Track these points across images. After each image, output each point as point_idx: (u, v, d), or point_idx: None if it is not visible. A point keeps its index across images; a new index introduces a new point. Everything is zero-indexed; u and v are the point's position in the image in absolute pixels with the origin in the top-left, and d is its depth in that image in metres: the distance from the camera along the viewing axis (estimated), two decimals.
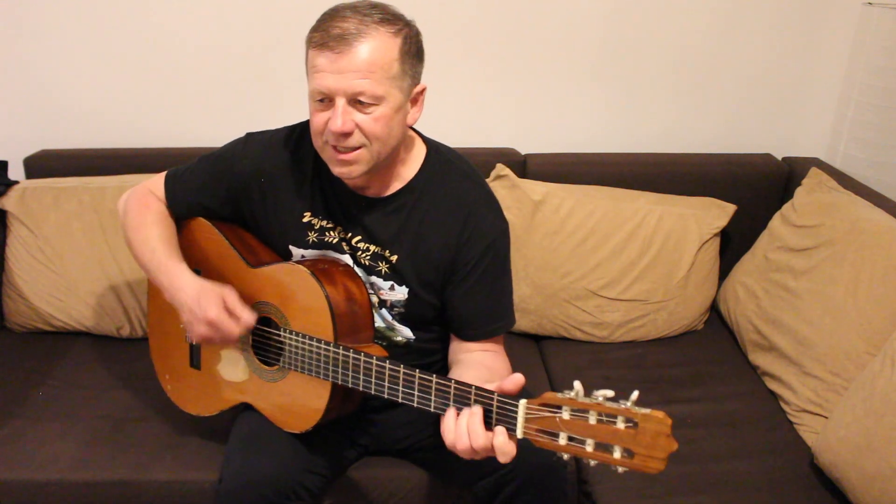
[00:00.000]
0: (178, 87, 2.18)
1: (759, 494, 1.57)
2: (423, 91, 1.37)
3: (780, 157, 2.27)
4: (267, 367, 1.47)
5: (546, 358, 2.04)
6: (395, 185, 1.43)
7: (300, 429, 1.43)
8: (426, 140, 1.48)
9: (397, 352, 1.48)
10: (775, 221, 2.09)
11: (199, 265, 1.54)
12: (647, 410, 1.00)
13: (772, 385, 1.88)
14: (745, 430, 1.75)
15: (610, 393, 1.04)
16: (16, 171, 2.13)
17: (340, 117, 1.26)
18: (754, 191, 2.19)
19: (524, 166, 2.16)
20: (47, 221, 2.00)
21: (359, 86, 1.25)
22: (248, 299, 1.47)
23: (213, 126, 2.20)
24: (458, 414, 1.16)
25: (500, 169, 2.10)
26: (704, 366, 1.99)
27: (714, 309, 2.21)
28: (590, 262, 2.05)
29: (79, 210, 2.00)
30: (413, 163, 1.44)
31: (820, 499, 1.57)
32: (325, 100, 1.28)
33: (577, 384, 1.06)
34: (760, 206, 2.18)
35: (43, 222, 2.00)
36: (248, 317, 1.38)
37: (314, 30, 1.29)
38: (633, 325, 2.07)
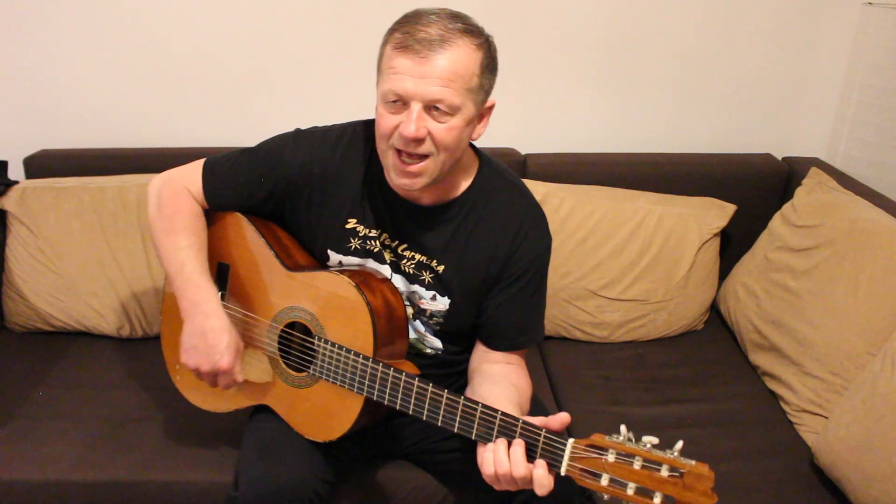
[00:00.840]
0: (178, 87, 2.18)
1: (759, 494, 1.57)
2: (492, 107, 1.35)
3: (780, 157, 2.28)
4: (294, 373, 1.44)
5: (546, 358, 2.04)
6: (449, 196, 1.41)
7: (324, 438, 1.40)
8: (478, 151, 1.47)
9: (424, 362, 1.45)
10: (775, 221, 2.09)
11: (229, 260, 1.51)
12: (692, 462, 1.02)
13: (772, 385, 1.88)
14: (745, 430, 1.75)
15: (655, 440, 1.06)
16: (16, 171, 2.13)
17: (414, 122, 1.24)
18: (754, 191, 2.19)
19: (524, 166, 2.16)
20: (47, 221, 2.00)
21: (439, 93, 1.23)
22: (281, 302, 1.44)
23: (212, 126, 2.20)
24: (506, 446, 1.16)
25: None
26: (704, 366, 1.99)
27: (714, 309, 2.21)
28: (590, 262, 2.05)
29: (79, 210, 2.00)
30: (466, 174, 1.42)
31: (820, 499, 1.57)
32: (398, 102, 1.25)
33: (624, 429, 1.08)
34: (760, 206, 2.18)
35: (43, 222, 2.00)
36: (239, 376, 1.40)
37: (395, 30, 1.26)
38: (633, 325, 2.07)
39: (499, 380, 1.37)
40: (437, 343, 1.48)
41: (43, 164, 2.12)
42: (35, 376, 1.87)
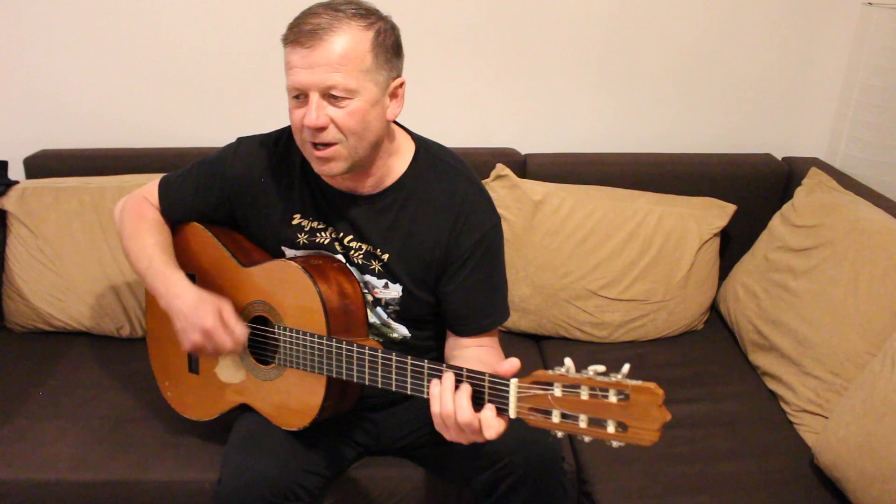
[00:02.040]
0: (177, 87, 2.18)
1: (759, 494, 1.57)
2: (402, 85, 1.36)
3: (780, 157, 2.27)
4: (263, 366, 1.47)
5: (546, 358, 2.04)
6: (385, 183, 1.42)
7: (298, 425, 1.43)
8: (414, 136, 1.47)
9: (393, 348, 1.47)
10: (775, 221, 2.09)
11: (195, 269, 1.55)
12: (638, 382, 1.00)
13: (772, 385, 1.88)
14: (745, 430, 1.75)
15: (601, 368, 1.04)
16: (16, 171, 2.13)
17: (314, 111, 1.27)
18: (754, 191, 2.19)
19: (524, 166, 2.16)
20: (47, 221, 2.00)
21: (330, 79, 1.26)
22: (243, 299, 1.47)
23: (212, 126, 2.20)
24: (452, 387, 1.16)
25: (500, 169, 2.10)
26: (704, 366, 1.99)
27: (714, 309, 2.21)
28: (590, 262, 2.05)
29: (79, 210, 2.00)
30: (402, 160, 1.43)
31: (820, 499, 1.57)
32: (300, 96, 1.29)
33: (568, 360, 1.06)
34: (760, 206, 2.18)
35: (43, 222, 2.00)
36: (241, 331, 1.39)
37: (288, 28, 1.30)
38: (633, 325, 2.07)
39: (467, 360, 1.38)
40: (403, 329, 1.50)
41: (43, 164, 2.12)
42: (35, 376, 1.87)
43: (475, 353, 1.43)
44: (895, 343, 1.53)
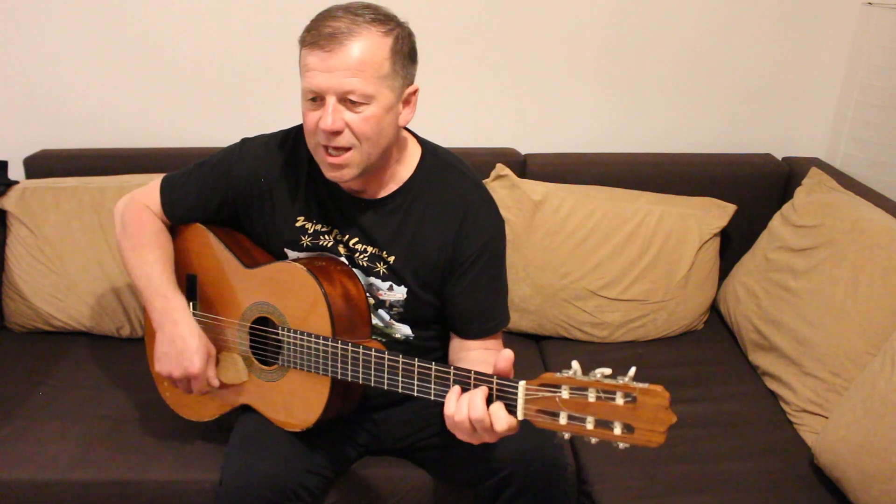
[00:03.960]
0: (177, 87, 2.18)
1: (759, 494, 1.57)
2: (415, 92, 1.37)
3: (780, 157, 2.28)
4: (266, 367, 1.47)
5: (546, 358, 2.04)
6: (391, 187, 1.43)
7: (300, 427, 1.43)
8: (421, 141, 1.48)
9: (397, 349, 1.47)
10: (775, 221, 2.09)
11: (196, 270, 1.55)
12: (644, 385, 1.01)
13: (772, 385, 1.88)
14: (745, 430, 1.75)
15: (608, 370, 1.05)
16: (16, 171, 2.13)
17: (330, 115, 1.27)
18: (754, 191, 2.19)
19: (524, 166, 2.16)
20: (47, 221, 2.00)
21: (348, 84, 1.26)
22: (246, 300, 1.47)
23: (212, 126, 2.20)
24: (461, 392, 1.17)
25: (500, 169, 2.10)
26: (704, 366, 1.99)
27: (714, 309, 2.21)
28: (590, 262, 2.05)
29: (79, 210, 2.00)
30: (408, 164, 1.44)
31: (820, 499, 1.57)
32: (316, 99, 1.29)
33: (575, 363, 1.07)
34: (760, 206, 2.18)
35: (43, 222, 2.00)
36: (213, 381, 1.47)
37: (306, 30, 1.29)
38: (633, 325, 2.07)
39: (476, 364, 1.38)
40: (406, 329, 1.50)
41: (43, 164, 2.12)
42: (35, 376, 1.87)
43: (481, 356, 1.43)
44: (895, 343, 1.53)
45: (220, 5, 2.10)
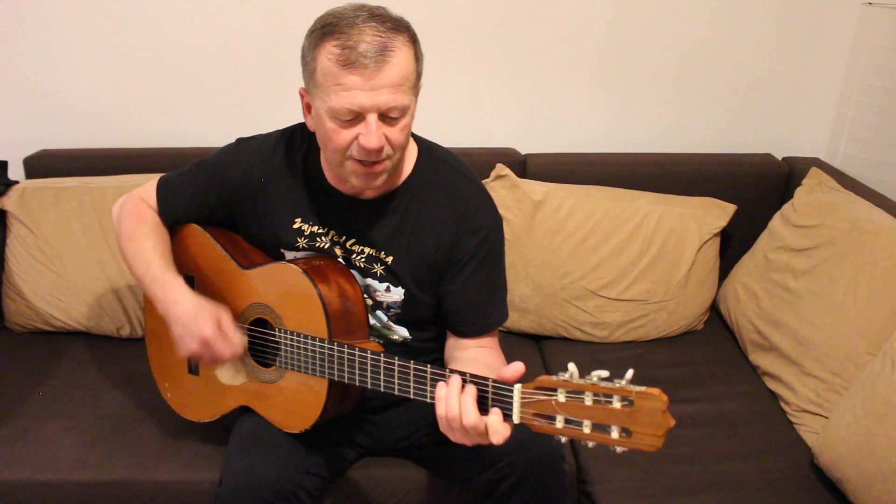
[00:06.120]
0: (178, 87, 2.18)
1: (759, 494, 1.57)
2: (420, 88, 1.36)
3: (780, 157, 2.28)
4: (264, 368, 1.46)
5: (546, 358, 2.04)
6: (391, 186, 1.42)
7: (299, 428, 1.43)
8: (417, 138, 1.47)
9: (394, 350, 1.47)
10: (775, 221, 2.09)
11: (193, 271, 1.54)
12: (642, 388, 1.00)
13: (772, 385, 1.88)
14: (745, 430, 1.75)
15: (605, 373, 1.04)
16: (16, 171, 2.13)
17: (375, 134, 1.24)
18: (754, 191, 2.19)
19: (524, 166, 2.16)
20: (47, 221, 2.00)
21: (392, 101, 1.23)
22: (242, 301, 1.47)
23: (212, 126, 2.20)
24: (459, 390, 1.16)
25: (500, 169, 2.10)
26: (704, 366, 1.99)
27: (714, 309, 2.21)
28: (590, 262, 2.05)
29: (79, 210, 2.00)
30: (406, 163, 1.43)
31: (820, 499, 1.57)
32: (352, 117, 1.25)
33: (572, 366, 1.06)
34: (760, 206, 2.18)
35: (43, 222, 2.00)
36: (240, 340, 1.40)
37: (327, 44, 1.22)
38: (633, 325, 2.07)
39: (469, 362, 1.38)
40: (404, 331, 1.49)
41: (43, 164, 2.12)
42: (35, 376, 1.87)
43: (476, 354, 1.43)
44: (895, 343, 1.53)
45: (221, 5, 2.10)
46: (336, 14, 1.25)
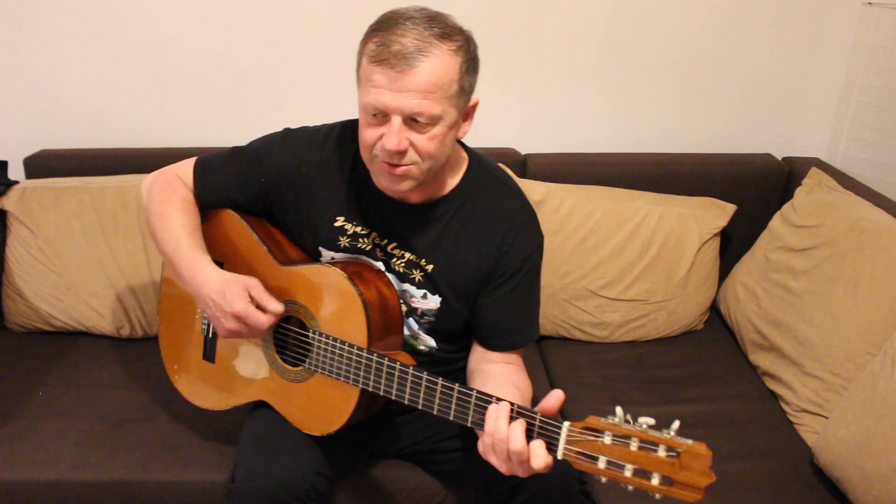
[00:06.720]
0: (178, 87, 2.18)
1: (759, 494, 1.57)
2: (476, 105, 1.33)
3: (780, 157, 2.28)
4: (290, 367, 1.44)
5: (546, 358, 2.04)
6: (437, 194, 1.40)
7: (321, 431, 1.40)
8: (468, 150, 1.45)
9: (419, 360, 1.45)
10: (775, 221, 2.09)
11: (224, 257, 1.51)
12: (689, 442, 1.01)
13: (772, 385, 1.88)
14: (745, 430, 1.75)
15: (651, 420, 1.05)
16: (16, 171, 2.13)
17: (396, 136, 1.22)
18: (754, 191, 2.19)
19: (524, 166, 2.16)
20: (47, 221, 2.00)
21: (418, 106, 1.21)
22: (275, 297, 1.43)
23: (212, 126, 2.20)
24: (508, 417, 1.15)
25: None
26: (704, 366, 1.99)
27: (714, 309, 2.21)
28: (590, 262, 2.05)
29: (79, 210, 2.00)
30: (455, 172, 1.41)
31: (820, 499, 1.57)
32: (378, 115, 1.24)
33: (619, 410, 1.07)
34: (760, 206, 2.18)
35: (43, 222, 2.00)
36: (276, 307, 1.35)
37: (371, 39, 1.23)
38: (633, 325, 2.07)
39: (499, 380, 1.37)
40: (431, 341, 1.48)
41: (43, 164, 2.12)
42: (35, 376, 1.87)
43: (502, 370, 1.41)
44: (895, 343, 1.53)
45: (221, 6, 2.10)
46: (394, 12, 1.25)
